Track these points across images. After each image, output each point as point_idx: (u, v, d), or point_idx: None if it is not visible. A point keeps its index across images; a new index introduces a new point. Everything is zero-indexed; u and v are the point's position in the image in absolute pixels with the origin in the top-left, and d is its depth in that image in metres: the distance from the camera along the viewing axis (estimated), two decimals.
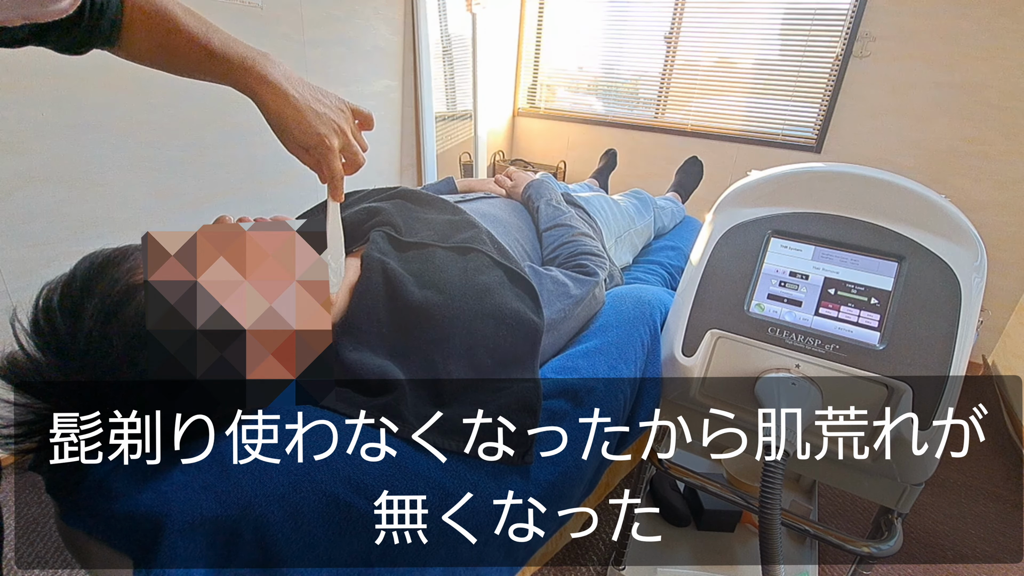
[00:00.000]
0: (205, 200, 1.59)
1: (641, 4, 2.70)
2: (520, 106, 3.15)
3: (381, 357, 0.63)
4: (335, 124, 0.57)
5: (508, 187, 1.17)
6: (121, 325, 0.44)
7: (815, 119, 2.40)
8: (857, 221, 0.72)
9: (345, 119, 0.59)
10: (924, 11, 2.06)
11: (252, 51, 0.53)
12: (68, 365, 0.43)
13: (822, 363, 0.69)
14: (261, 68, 0.52)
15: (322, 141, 0.56)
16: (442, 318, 0.64)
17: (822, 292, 0.71)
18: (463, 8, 2.51)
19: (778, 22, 2.40)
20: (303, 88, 0.55)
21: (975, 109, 2.05)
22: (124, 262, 0.47)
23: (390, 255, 0.71)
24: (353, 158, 0.61)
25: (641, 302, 0.86)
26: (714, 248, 0.78)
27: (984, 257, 0.66)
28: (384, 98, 2.22)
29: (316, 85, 0.57)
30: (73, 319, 0.43)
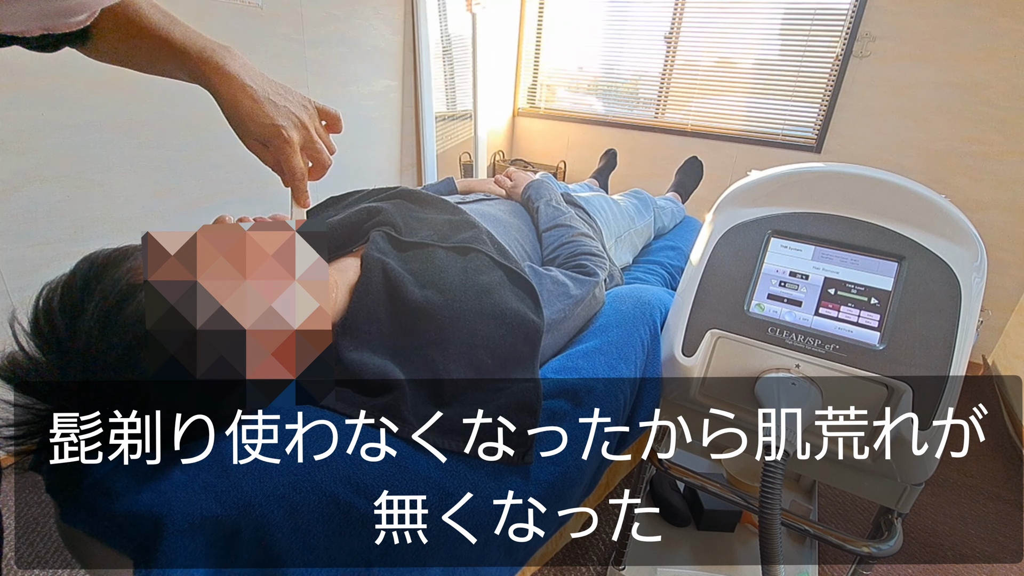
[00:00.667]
0: (205, 200, 1.59)
1: (641, 4, 2.70)
2: (520, 106, 3.15)
3: (381, 357, 0.63)
4: (295, 118, 0.54)
5: (508, 187, 1.17)
6: (121, 326, 0.44)
7: (815, 119, 2.40)
8: (857, 221, 0.72)
9: (308, 115, 0.56)
10: (924, 11, 2.06)
11: (212, 43, 0.51)
12: (68, 365, 0.43)
13: (822, 363, 0.69)
14: (219, 59, 0.51)
15: (279, 133, 0.53)
16: (442, 318, 0.64)
17: (822, 292, 0.71)
18: (463, 8, 2.51)
19: (778, 22, 2.40)
20: (263, 81, 0.53)
21: (975, 109, 2.05)
22: (124, 262, 0.47)
23: (390, 255, 0.71)
24: (317, 157, 0.58)
25: (641, 302, 0.86)
26: (714, 248, 0.78)
27: (984, 257, 0.66)
28: (384, 98, 2.22)
29: (280, 82, 0.55)
30: (73, 319, 0.43)
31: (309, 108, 0.57)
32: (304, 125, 0.55)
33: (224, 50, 0.51)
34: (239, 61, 0.52)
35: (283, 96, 0.54)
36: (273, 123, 0.53)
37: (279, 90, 0.54)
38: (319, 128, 0.58)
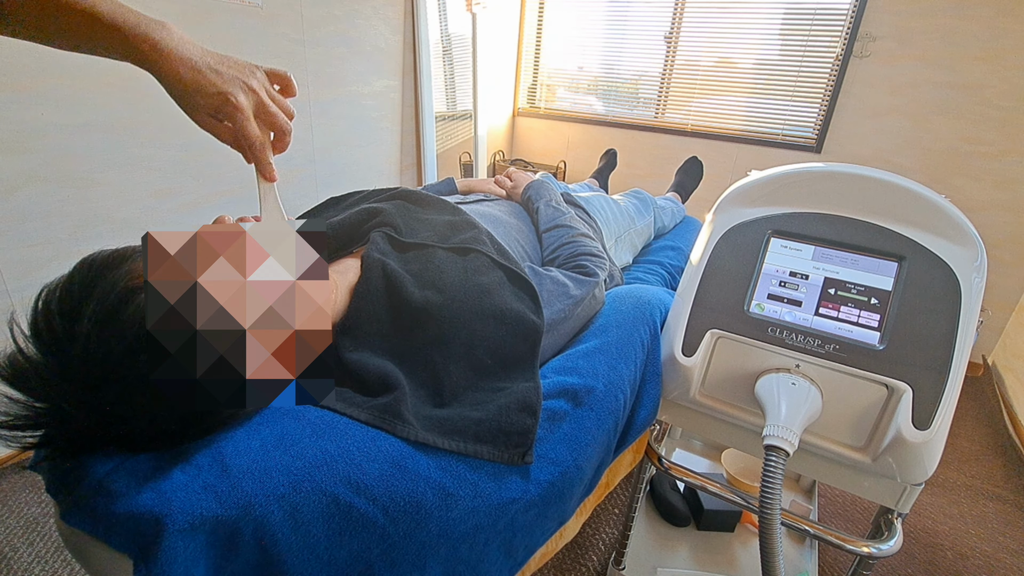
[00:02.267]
0: (205, 200, 1.59)
1: (641, 4, 2.70)
2: (520, 106, 3.15)
3: (381, 357, 0.63)
4: (241, 82, 0.51)
5: (508, 187, 1.17)
6: (119, 328, 0.44)
7: (815, 119, 2.40)
8: (857, 221, 0.72)
9: (257, 80, 0.53)
10: (924, 11, 2.06)
11: (145, 18, 0.48)
12: (67, 367, 0.43)
13: (822, 363, 0.69)
14: (155, 35, 0.48)
15: (227, 99, 0.50)
16: (442, 318, 0.64)
17: (822, 292, 0.71)
18: (463, 8, 2.51)
19: (778, 22, 2.40)
20: (202, 54, 0.51)
21: (975, 109, 2.05)
22: (122, 265, 0.47)
23: (390, 255, 0.71)
24: (274, 121, 0.55)
25: (641, 302, 0.86)
26: (714, 248, 0.78)
27: (984, 257, 0.66)
28: (384, 98, 2.22)
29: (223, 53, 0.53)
30: (71, 322, 0.43)
31: (257, 73, 0.54)
32: (252, 89, 0.52)
33: (159, 25, 0.49)
34: (176, 35, 0.49)
35: (226, 64, 0.52)
36: (219, 90, 0.50)
37: (221, 60, 0.52)
38: (271, 91, 0.55)
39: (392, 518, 0.49)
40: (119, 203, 1.39)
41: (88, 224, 1.34)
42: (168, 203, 1.51)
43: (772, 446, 0.62)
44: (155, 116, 1.41)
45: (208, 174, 1.58)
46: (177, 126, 1.46)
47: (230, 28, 1.55)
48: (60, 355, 0.43)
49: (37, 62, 1.18)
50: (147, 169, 1.43)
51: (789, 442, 0.62)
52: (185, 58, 0.49)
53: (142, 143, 1.41)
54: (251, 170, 0.56)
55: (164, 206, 1.50)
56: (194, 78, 0.49)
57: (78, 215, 1.31)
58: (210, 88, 0.50)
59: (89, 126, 1.29)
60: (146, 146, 1.42)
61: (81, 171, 1.30)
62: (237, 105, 0.51)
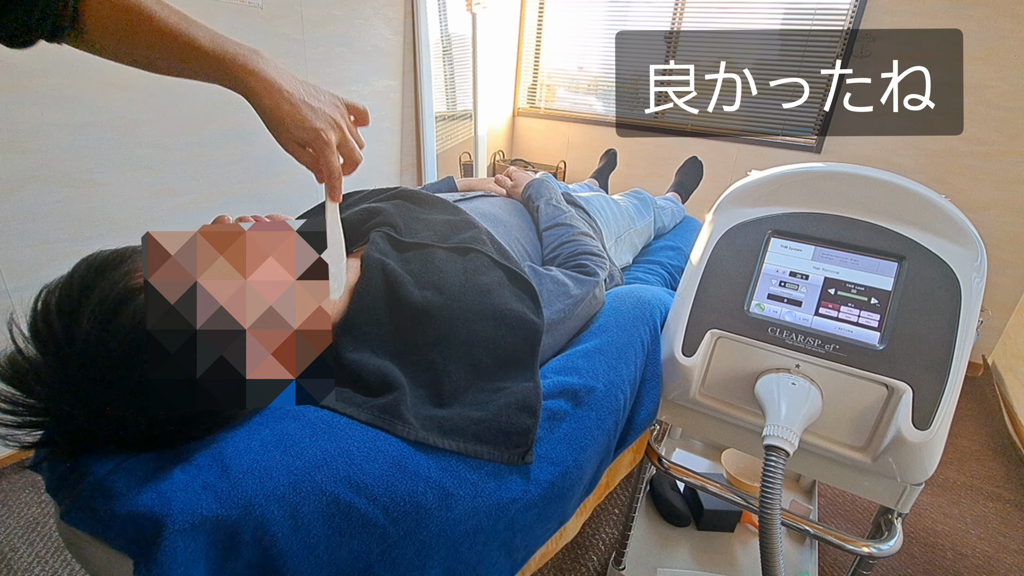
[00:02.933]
0: (205, 200, 1.59)
1: (641, 4, 2.70)
2: (520, 106, 3.15)
3: (381, 357, 0.63)
4: (331, 119, 0.56)
5: (508, 187, 1.17)
6: (118, 329, 0.44)
7: (815, 119, 2.39)
8: (857, 221, 0.72)
9: (341, 114, 0.58)
10: (924, 11, 2.06)
11: (243, 47, 0.52)
12: (66, 368, 0.43)
13: (822, 363, 0.69)
14: (253, 64, 0.51)
15: (319, 136, 0.55)
16: (442, 318, 0.64)
17: (822, 292, 0.71)
18: (463, 8, 2.51)
19: (778, 22, 2.40)
20: (296, 84, 0.54)
21: (975, 109, 2.05)
22: (121, 265, 0.47)
23: (390, 255, 0.71)
24: (350, 154, 0.60)
25: (641, 302, 0.86)
26: (714, 248, 0.78)
27: (984, 257, 0.66)
28: (384, 98, 2.22)
29: (309, 81, 0.56)
30: (70, 323, 0.43)
31: (341, 107, 0.58)
32: (339, 125, 0.57)
33: (255, 54, 0.52)
34: (272, 64, 0.53)
35: (316, 97, 0.55)
36: (313, 127, 0.54)
37: (312, 91, 0.55)
38: (351, 126, 0.60)
39: (392, 518, 0.49)
40: (119, 203, 1.39)
41: (88, 224, 1.34)
42: (168, 203, 1.51)
43: (772, 446, 0.62)
44: (155, 116, 1.41)
45: (208, 174, 1.58)
46: (177, 126, 1.46)
47: (230, 28, 1.55)
48: (59, 355, 0.43)
49: (37, 62, 1.18)
50: (147, 169, 1.43)
51: (789, 442, 0.62)
52: (283, 89, 0.52)
53: (142, 143, 1.41)
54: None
55: (164, 206, 1.50)
56: (292, 112, 0.53)
57: (78, 215, 1.31)
58: (305, 123, 0.54)
59: (89, 126, 1.29)
60: (146, 146, 1.42)
61: (81, 171, 1.30)
62: (327, 141, 0.55)
